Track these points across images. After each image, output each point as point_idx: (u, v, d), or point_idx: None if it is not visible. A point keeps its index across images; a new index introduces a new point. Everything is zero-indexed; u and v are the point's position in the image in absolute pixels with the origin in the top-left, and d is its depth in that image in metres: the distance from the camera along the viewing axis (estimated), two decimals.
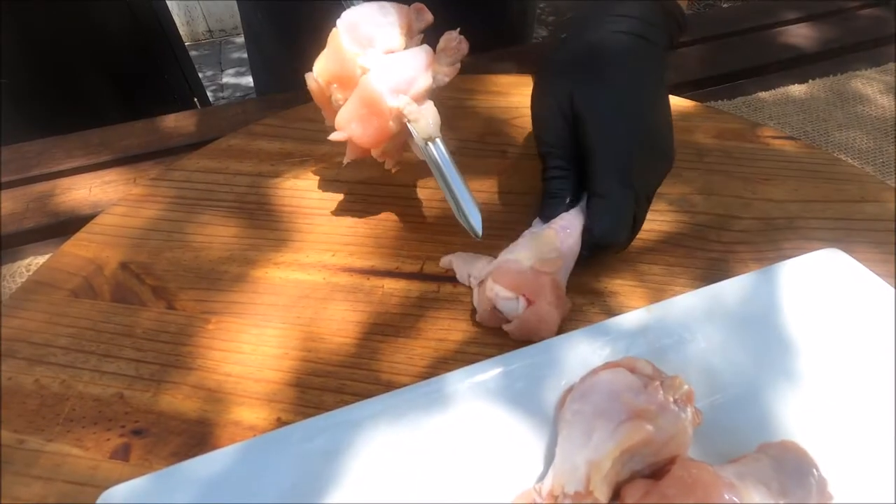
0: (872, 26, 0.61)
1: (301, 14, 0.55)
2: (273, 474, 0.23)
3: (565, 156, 0.32)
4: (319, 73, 0.33)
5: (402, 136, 0.33)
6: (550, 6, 1.97)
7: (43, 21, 0.78)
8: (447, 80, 0.33)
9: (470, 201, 0.31)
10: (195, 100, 1.06)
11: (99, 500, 0.22)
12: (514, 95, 0.46)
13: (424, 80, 0.31)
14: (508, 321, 0.29)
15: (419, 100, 0.31)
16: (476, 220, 0.31)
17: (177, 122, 0.50)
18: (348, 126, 0.32)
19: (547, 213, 0.32)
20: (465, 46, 0.33)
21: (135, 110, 0.54)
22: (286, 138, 0.43)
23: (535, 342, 0.28)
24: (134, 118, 0.50)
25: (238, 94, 1.85)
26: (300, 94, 0.51)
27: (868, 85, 0.53)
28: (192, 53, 1.21)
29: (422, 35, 0.34)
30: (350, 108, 0.32)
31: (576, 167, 0.32)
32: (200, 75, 1.16)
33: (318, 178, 0.40)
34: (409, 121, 0.31)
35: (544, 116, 0.33)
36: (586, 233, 0.31)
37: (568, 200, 0.32)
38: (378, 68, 0.31)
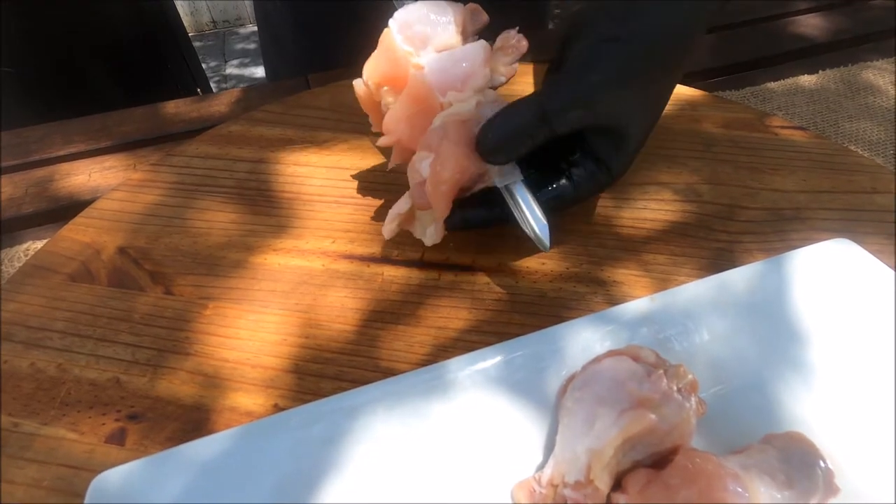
0: (884, 17, 0.60)
1: (319, 1, 0.55)
2: (270, 460, 0.22)
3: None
4: (370, 75, 0.31)
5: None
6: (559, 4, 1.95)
7: (48, 11, 0.78)
8: (504, 79, 0.31)
9: (537, 214, 0.29)
10: (198, 90, 1.05)
11: (93, 483, 0.21)
12: (515, 83, 0.45)
13: (482, 76, 0.29)
14: None
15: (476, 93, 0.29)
16: (543, 232, 0.28)
17: (177, 109, 0.49)
18: (397, 127, 0.30)
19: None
20: (524, 45, 0.31)
21: (138, 100, 0.54)
22: (287, 125, 0.42)
23: (435, 202, 0.27)
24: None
25: (242, 84, 1.84)
26: (311, 79, 0.51)
27: (879, 76, 0.52)
28: (196, 44, 1.20)
29: (477, 38, 0.32)
30: (399, 107, 0.30)
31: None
32: (204, 66, 1.15)
33: (318, 164, 0.39)
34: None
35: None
36: None
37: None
38: (431, 64, 0.29)
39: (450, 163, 0.27)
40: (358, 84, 0.32)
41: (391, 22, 0.30)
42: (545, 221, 0.29)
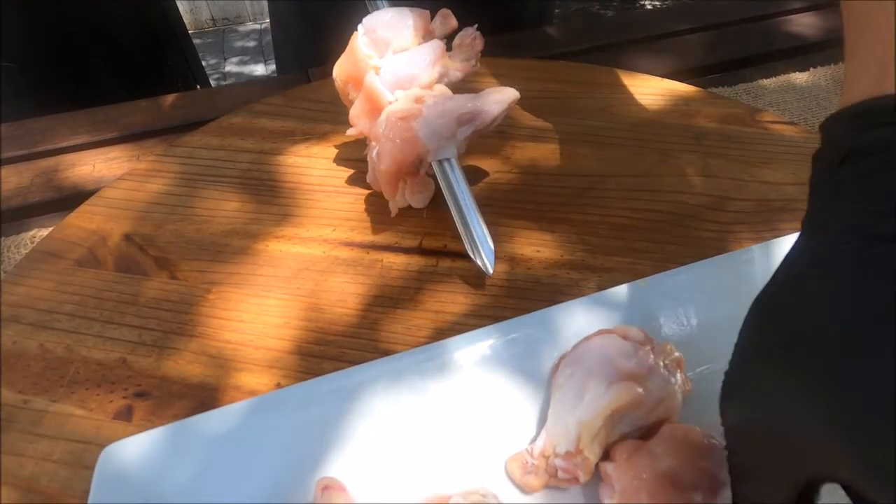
0: None
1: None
2: (273, 432, 0.23)
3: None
4: (338, 73, 0.34)
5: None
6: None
7: (49, 9, 0.78)
8: (461, 75, 0.33)
9: (483, 234, 0.30)
10: (198, 88, 1.06)
11: (103, 453, 0.22)
12: (515, 79, 0.46)
13: (428, 75, 0.32)
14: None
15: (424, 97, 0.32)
16: (488, 254, 0.30)
17: (181, 102, 0.50)
18: (359, 122, 0.33)
19: None
20: (479, 43, 0.33)
21: (138, 98, 0.55)
22: (288, 117, 0.43)
23: (382, 187, 0.31)
24: None
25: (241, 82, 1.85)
26: (311, 72, 0.52)
27: None
28: (196, 42, 1.21)
29: (444, 40, 0.34)
30: (358, 105, 0.33)
31: None
32: (204, 64, 1.16)
33: (319, 155, 0.40)
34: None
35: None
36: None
37: None
38: (386, 65, 0.32)
39: (386, 157, 0.30)
40: (335, 78, 0.35)
41: (359, 26, 0.33)
42: (491, 245, 0.30)
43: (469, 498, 0.20)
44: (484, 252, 0.30)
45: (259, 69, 1.88)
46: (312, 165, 0.39)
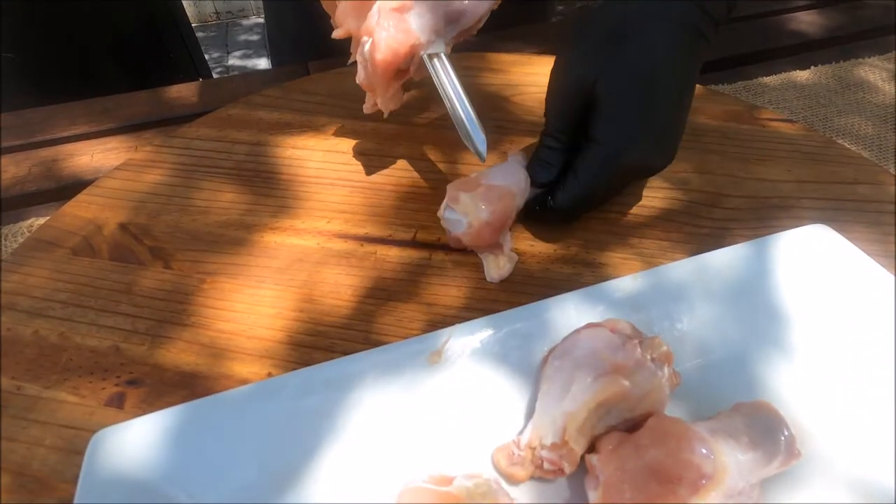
0: (879, 15, 0.60)
1: None
2: (262, 420, 0.23)
3: (567, 130, 0.32)
4: None
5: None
6: None
7: (51, 0, 0.78)
8: None
9: (475, 123, 0.32)
10: (200, 81, 1.06)
11: (93, 439, 0.22)
12: (514, 74, 0.46)
13: None
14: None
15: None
16: (481, 143, 0.32)
17: (178, 93, 0.50)
18: (345, 21, 0.33)
19: (531, 173, 0.33)
20: None
21: (140, 90, 0.55)
22: (285, 109, 0.43)
23: (375, 82, 0.31)
24: None
25: None
26: (310, 66, 0.52)
27: (871, 72, 0.53)
28: (199, 35, 1.21)
29: None
30: (343, 3, 0.33)
31: (573, 142, 0.32)
32: (207, 57, 1.16)
33: (315, 148, 0.40)
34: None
35: (558, 97, 0.32)
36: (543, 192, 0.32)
37: (555, 172, 0.32)
38: None
39: (382, 46, 0.30)
40: None
41: None
42: (483, 133, 0.32)
43: (473, 479, 0.20)
44: (476, 139, 0.31)
45: (262, 63, 1.88)
46: (309, 157, 0.39)
